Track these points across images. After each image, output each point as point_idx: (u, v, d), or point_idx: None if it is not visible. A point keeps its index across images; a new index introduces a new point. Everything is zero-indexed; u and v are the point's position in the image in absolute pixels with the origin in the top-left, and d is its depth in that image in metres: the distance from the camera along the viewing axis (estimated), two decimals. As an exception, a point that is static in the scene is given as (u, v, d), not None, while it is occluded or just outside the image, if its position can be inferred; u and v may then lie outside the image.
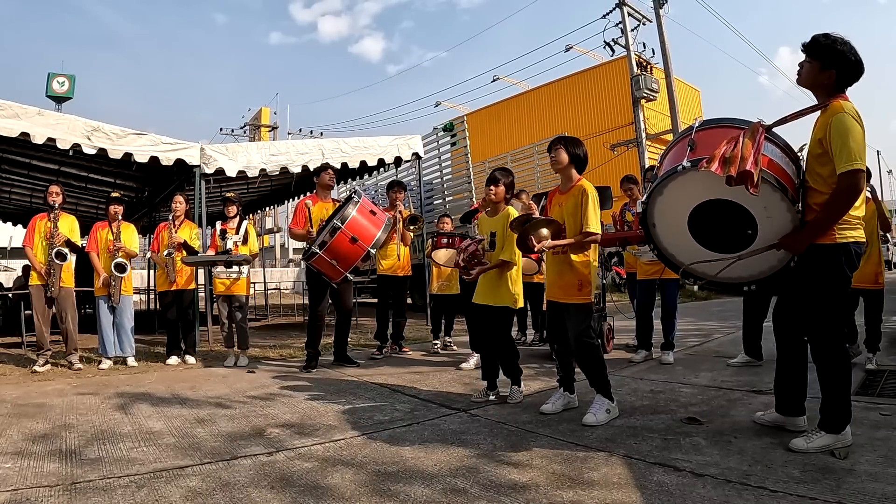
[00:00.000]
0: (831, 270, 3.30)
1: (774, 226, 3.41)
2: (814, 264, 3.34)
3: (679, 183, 3.58)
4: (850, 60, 3.27)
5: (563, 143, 4.37)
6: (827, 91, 3.34)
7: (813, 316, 3.40)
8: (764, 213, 3.40)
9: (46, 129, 7.35)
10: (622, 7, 20.97)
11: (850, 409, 3.34)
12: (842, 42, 3.28)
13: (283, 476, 3.14)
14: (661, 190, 3.69)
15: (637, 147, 20.79)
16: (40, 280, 6.83)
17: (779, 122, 3.46)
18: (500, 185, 4.90)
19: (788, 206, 3.32)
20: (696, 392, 4.91)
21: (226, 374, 6.41)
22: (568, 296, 4.28)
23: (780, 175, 3.33)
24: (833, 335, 3.34)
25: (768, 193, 3.28)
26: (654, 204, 3.79)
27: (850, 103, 3.25)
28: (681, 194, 3.64)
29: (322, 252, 5.87)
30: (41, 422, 4.34)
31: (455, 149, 14.05)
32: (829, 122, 3.20)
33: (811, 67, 3.38)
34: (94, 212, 13.30)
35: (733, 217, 3.49)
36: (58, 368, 6.81)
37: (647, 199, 3.80)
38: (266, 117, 41.05)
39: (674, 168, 3.54)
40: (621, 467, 3.18)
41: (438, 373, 6.20)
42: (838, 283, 3.33)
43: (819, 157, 3.29)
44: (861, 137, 3.14)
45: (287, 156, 9.28)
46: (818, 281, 3.34)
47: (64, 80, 37.08)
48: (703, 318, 10.88)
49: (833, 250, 3.28)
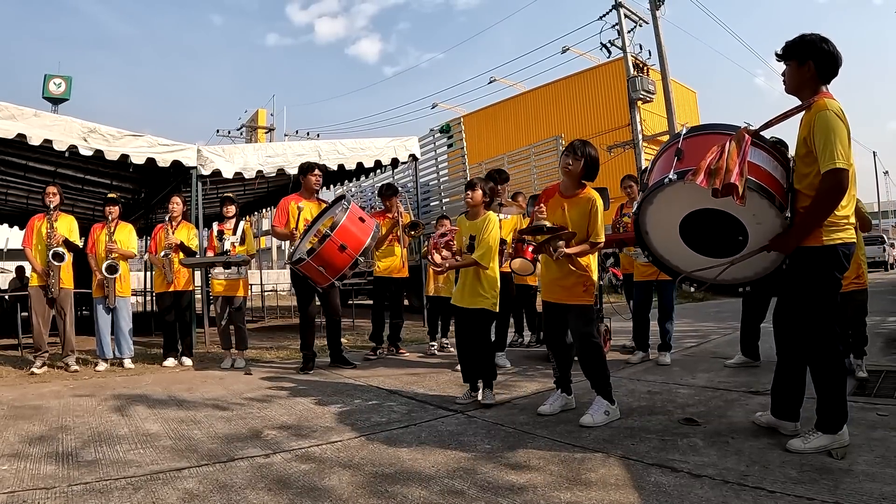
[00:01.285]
0: (819, 272, 3.31)
1: (764, 230, 3.42)
2: (802, 266, 3.35)
3: (667, 194, 3.62)
4: (823, 49, 3.30)
5: (586, 153, 4.21)
6: (811, 87, 3.35)
7: (804, 317, 3.40)
8: (753, 220, 3.42)
9: (43, 130, 7.34)
10: (619, 9, 21.01)
11: (847, 410, 3.34)
12: (810, 35, 3.34)
13: (281, 478, 3.14)
14: (651, 200, 3.73)
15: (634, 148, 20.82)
16: (40, 281, 6.82)
17: (765, 126, 3.47)
18: (477, 189, 4.91)
19: (777, 213, 3.32)
20: (693, 393, 4.91)
21: (222, 376, 6.40)
22: (572, 297, 4.27)
23: (767, 181, 3.33)
24: (825, 336, 3.33)
25: (755, 200, 3.29)
26: (646, 213, 3.85)
27: (835, 101, 3.25)
28: (670, 204, 3.67)
29: (310, 259, 5.86)
30: (38, 424, 4.32)
31: (452, 150, 14.06)
32: (812, 119, 3.21)
33: (790, 69, 3.42)
34: (91, 213, 13.28)
35: (724, 223, 3.50)
36: (54, 370, 6.80)
37: (638, 209, 3.84)
38: (263, 119, 41.06)
39: (661, 180, 3.58)
40: (619, 468, 3.18)
41: (435, 374, 6.20)
42: (827, 285, 3.33)
43: (804, 158, 3.30)
44: (845, 135, 3.14)
45: (284, 157, 9.29)
46: (807, 282, 3.35)
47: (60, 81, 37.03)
48: (700, 320, 10.89)
49: (821, 252, 3.28)
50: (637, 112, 20.84)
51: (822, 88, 3.33)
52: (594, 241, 4.20)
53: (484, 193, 4.92)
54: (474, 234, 4.85)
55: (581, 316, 4.25)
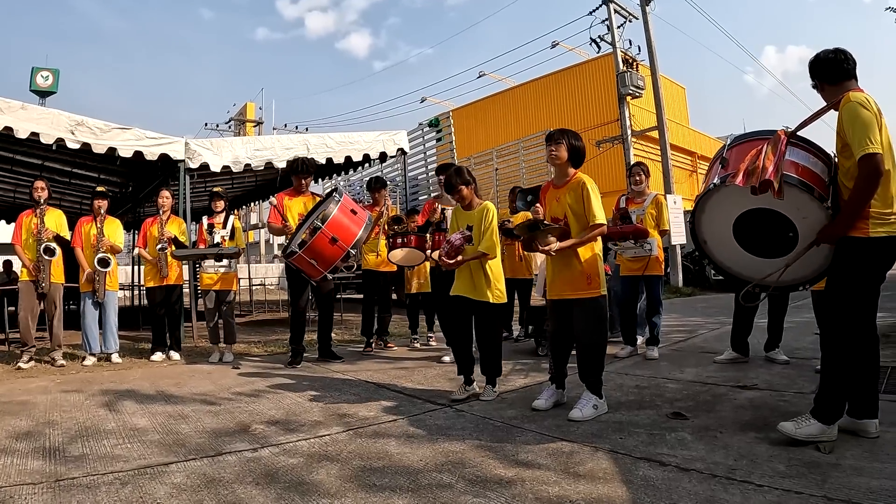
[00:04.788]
0: (864, 263, 3.33)
1: (811, 224, 3.51)
2: (848, 257, 3.37)
3: (715, 200, 3.85)
4: (817, 61, 3.55)
5: (564, 139, 4.31)
6: (837, 91, 3.47)
7: (836, 305, 3.41)
8: (799, 215, 3.53)
9: (30, 123, 7.30)
10: (608, 4, 20.96)
11: (844, 405, 3.36)
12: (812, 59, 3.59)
13: (269, 472, 3.13)
14: (703, 207, 3.94)
15: (622, 144, 20.81)
16: (30, 276, 6.78)
17: (801, 126, 3.64)
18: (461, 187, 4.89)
19: (819, 205, 3.42)
20: (681, 387, 4.94)
21: (210, 371, 6.39)
22: (577, 290, 4.26)
23: (806, 176, 3.45)
24: (850, 328, 3.33)
25: (796, 195, 3.41)
26: (700, 222, 4.03)
27: (862, 92, 3.35)
28: (720, 209, 3.88)
29: (302, 251, 5.85)
30: (24, 419, 4.30)
31: (440, 144, 14.06)
32: (840, 113, 3.33)
33: (820, 92, 3.61)
34: (79, 207, 13.19)
35: (773, 223, 3.63)
36: (41, 365, 6.76)
37: (693, 218, 4.01)
38: (251, 112, 40.82)
39: (707, 188, 3.85)
40: (607, 462, 3.19)
41: (423, 368, 6.21)
42: (870, 277, 3.35)
43: (842, 151, 3.38)
44: (871, 120, 3.21)
45: (272, 151, 9.27)
46: (850, 273, 3.36)
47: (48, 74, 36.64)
48: (688, 314, 10.93)
49: (867, 244, 3.30)
50: (626, 107, 20.80)
51: (847, 86, 3.44)
52: (593, 224, 4.19)
53: (467, 184, 4.91)
54: (472, 225, 4.85)
55: (588, 313, 4.23)
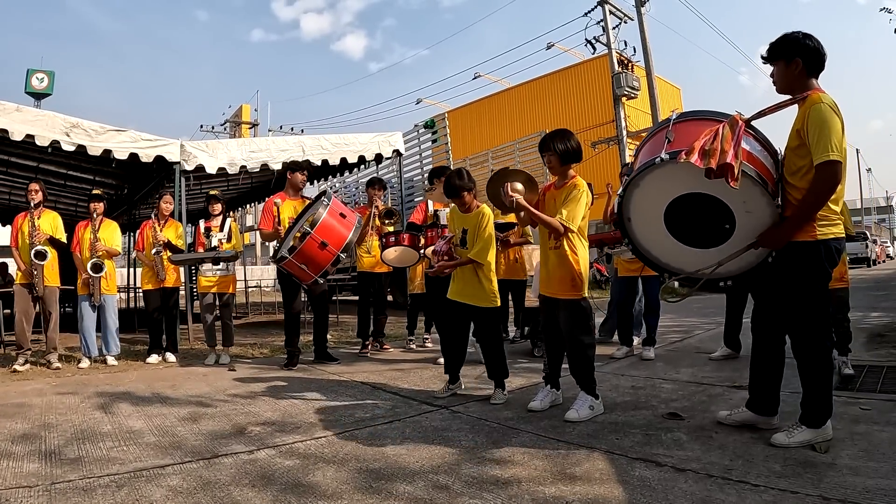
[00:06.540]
0: (812, 267, 3.30)
1: (753, 221, 3.38)
2: (794, 261, 3.34)
3: (656, 175, 3.52)
4: (808, 45, 3.31)
5: (551, 146, 4.29)
6: (801, 83, 3.35)
7: (795, 313, 3.40)
8: (743, 208, 3.37)
9: (25, 125, 7.26)
10: (604, 5, 21.03)
11: (832, 404, 3.36)
12: (793, 33, 3.36)
13: (265, 474, 3.13)
14: (638, 182, 3.60)
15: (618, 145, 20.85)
16: (25, 279, 6.77)
17: (757, 115, 3.44)
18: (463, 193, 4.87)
19: (769, 201, 3.28)
20: (677, 388, 4.95)
21: (206, 373, 6.38)
22: (562, 290, 4.27)
23: (761, 169, 3.30)
24: (816, 331, 3.34)
25: (748, 187, 3.24)
26: (631, 197, 3.71)
27: (829, 96, 3.25)
28: (658, 187, 3.58)
29: (292, 257, 5.85)
30: (20, 422, 4.29)
31: (436, 146, 14.09)
32: (807, 112, 3.21)
33: (779, 69, 3.42)
34: (74, 209, 13.13)
35: (710, 211, 3.44)
36: (37, 368, 6.74)
37: (623, 192, 3.71)
38: (247, 114, 40.82)
39: (651, 160, 3.47)
40: (603, 462, 3.19)
41: (419, 370, 6.20)
42: (819, 280, 3.33)
43: (797, 150, 3.28)
44: (839, 129, 3.14)
45: (268, 152, 9.25)
46: (799, 278, 3.34)
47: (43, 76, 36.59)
48: (684, 315, 10.93)
49: (813, 247, 3.28)
50: (621, 108, 20.89)
51: (812, 84, 3.35)
52: (561, 220, 4.13)
53: (469, 190, 4.90)
54: (467, 228, 4.85)
55: (571, 313, 4.24)
